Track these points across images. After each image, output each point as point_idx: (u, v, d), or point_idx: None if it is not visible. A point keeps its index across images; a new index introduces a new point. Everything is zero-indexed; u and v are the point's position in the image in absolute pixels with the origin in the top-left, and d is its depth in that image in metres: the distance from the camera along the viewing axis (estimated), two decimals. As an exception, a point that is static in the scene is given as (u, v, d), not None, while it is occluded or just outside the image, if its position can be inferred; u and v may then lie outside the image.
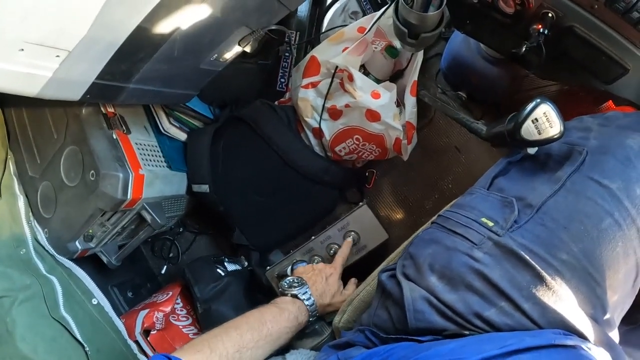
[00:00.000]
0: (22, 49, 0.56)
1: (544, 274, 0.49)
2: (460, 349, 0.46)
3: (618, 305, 0.54)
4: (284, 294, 0.72)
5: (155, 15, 0.59)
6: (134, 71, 0.68)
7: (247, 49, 0.76)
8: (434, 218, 0.65)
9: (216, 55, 0.76)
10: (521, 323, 0.49)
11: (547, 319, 0.49)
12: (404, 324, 0.54)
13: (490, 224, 0.54)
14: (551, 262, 0.50)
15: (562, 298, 0.49)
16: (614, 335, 0.55)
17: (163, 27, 0.62)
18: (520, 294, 0.49)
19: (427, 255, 0.56)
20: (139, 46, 0.63)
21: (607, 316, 0.52)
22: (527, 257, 0.50)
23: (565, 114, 0.71)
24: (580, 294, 0.50)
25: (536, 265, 0.49)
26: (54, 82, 0.62)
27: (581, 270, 0.50)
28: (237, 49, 0.78)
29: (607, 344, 0.51)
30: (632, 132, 0.59)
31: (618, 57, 0.66)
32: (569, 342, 0.46)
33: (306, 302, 0.70)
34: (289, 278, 0.76)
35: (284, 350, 0.68)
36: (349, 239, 0.89)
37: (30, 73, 0.60)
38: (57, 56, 0.59)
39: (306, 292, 0.72)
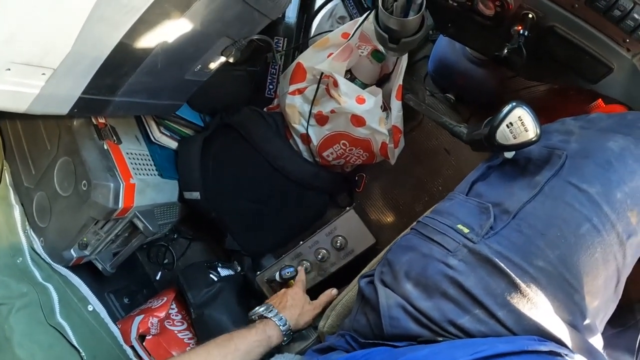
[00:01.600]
0: (9, 69, 0.58)
1: (518, 281, 0.49)
2: (432, 356, 0.46)
3: (600, 310, 0.54)
4: (253, 320, 0.76)
5: (136, 30, 0.61)
6: (119, 85, 0.69)
7: (230, 59, 0.78)
8: (413, 224, 0.65)
9: (200, 66, 0.78)
10: (495, 330, 0.49)
11: (522, 326, 0.49)
12: (381, 329, 0.54)
13: (466, 230, 0.54)
14: (527, 269, 0.50)
15: (537, 305, 0.49)
16: (596, 340, 0.54)
17: (144, 41, 0.64)
18: (495, 302, 0.49)
19: (403, 263, 0.56)
20: (122, 61, 0.65)
21: (587, 322, 0.52)
22: (502, 265, 0.50)
23: (554, 113, 0.71)
24: (556, 301, 0.50)
25: (511, 273, 0.49)
26: (41, 98, 0.64)
27: (558, 277, 0.50)
28: (220, 59, 0.79)
29: (587, 350, 0.50)
30: (614, 134, 0.58)
31: (602, 56, 0.66)
32: (543, 348, 0.46)
33: (271, 316, 0.74)
34: (255, 308, 0.80)
35: (269, 355, 0.69)
36: (301, 268, 0.92)
37: (18, 91, 0.62)
38: (43, 74, 0.61)
39: (271, 309, 0.76)
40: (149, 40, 0.65)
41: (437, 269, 0.53)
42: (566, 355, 0.47)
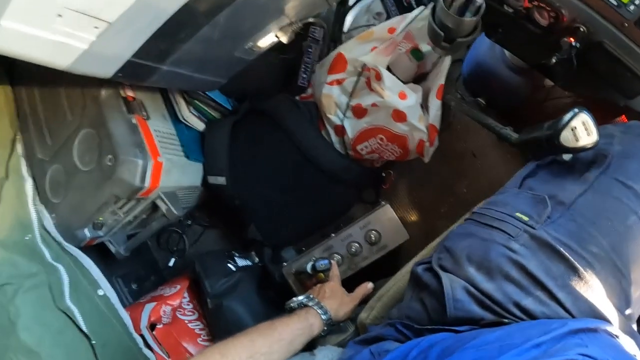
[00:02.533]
0: (60, 15, 0.52)
1: (577, 265, 0.51)
2: (507, 336, 0.47)
3: (639, 301, 0.56)
4: (290, 310, 0.74)
5: (204, -6, 0.58)
6: (172, 51, 0.65)
7: (284, 40, 0.75)
8: (466, 215, 0.66)
9: (252, 43, 0.75)
10: (556, 312, 0.51)
11: (579, 307, 0.51)
12: (441, 314, 0.54)
13: (526, 218, 0.56)
14: (583, 254, 0.52)
15: (592, 288, 0.51)
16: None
17: (209, 7, 0.61)
18: (555, 284, 0.51)
19: (464, 248, 0.57)
20: (182, 25, 0.61)
21: (629, 311, 0.55)
22: (561, 249, 0.52)
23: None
24: (608, 285, 0.52)
25: (569, 257, 0.52)
26: (87, 55, 0.59)
27: (609, 263, 0.53)
28: (272, 39, 0.77)
29: (630, 334, 0.53)
30: None
31: (642, 75, 0.69)
32: (602, 327, 0.48)
33: (312, 304, 0.72)
34: (294, 297, 0.77)
35: (311, 346, 0.66)
36: (334, 261, 0.91)
37: (64, 43, 0.56)
38: (96, 27, 0.56)
39: (309, 296, 0.74)
40: (213, 7, 0.61)
41: (500, 252, 0.54)
42: (617, 336, 0.49)
